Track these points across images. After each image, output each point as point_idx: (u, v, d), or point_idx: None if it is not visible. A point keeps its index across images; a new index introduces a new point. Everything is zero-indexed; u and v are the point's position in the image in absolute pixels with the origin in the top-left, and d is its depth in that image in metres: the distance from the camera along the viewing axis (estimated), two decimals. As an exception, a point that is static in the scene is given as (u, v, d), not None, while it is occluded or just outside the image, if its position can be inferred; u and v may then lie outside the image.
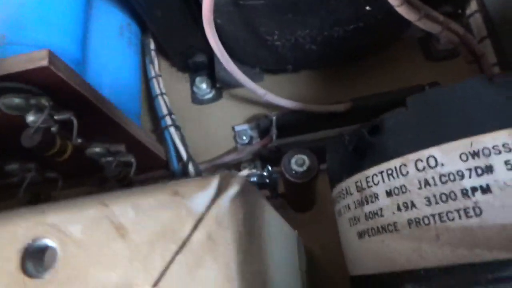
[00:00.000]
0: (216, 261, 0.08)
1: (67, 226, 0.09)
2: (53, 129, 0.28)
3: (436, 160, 0.16)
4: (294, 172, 0.29)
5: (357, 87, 0.39)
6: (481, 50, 0.30)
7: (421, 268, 0.16)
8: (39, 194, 0.36)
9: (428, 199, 0.16)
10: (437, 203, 0.16)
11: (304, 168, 0.29)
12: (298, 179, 0.29)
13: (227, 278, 0.08)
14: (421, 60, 0.41)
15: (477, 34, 0.39)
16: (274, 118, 0.37)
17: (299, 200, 0.35)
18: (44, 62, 0.25)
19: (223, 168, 0.40)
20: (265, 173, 0.32)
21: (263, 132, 0.39)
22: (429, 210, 0.16)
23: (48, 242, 0.09)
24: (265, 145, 0.37)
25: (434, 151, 0.16)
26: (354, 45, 0.35)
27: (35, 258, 0.09)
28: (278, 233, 0.13)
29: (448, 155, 0.16)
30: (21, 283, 0.09)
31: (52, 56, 0.25)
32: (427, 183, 0.16)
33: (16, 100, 0.26)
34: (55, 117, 0.28)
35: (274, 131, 0.36)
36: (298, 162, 0.29)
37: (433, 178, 0.16)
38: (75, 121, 0.28)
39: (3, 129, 0.30)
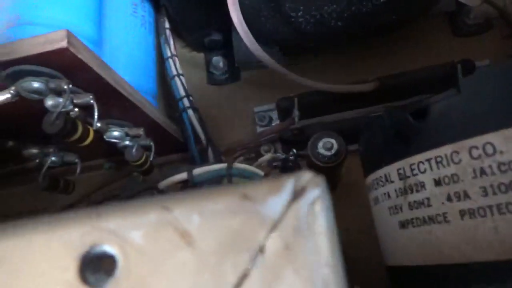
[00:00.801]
0: (297, 274, 0.08)
1: (126, 231, 0.08)
2: (73, 113, 0.27)
3: (494, 147, 0.15)
4: (321, 156, 0.28)
5: (384, 65, 0.38)
6: (520, 25, 0.28)
7: (475, 262, 0.15)
8: (58, 179, 0.36)
9: (484, 189, 0.15)
10: (494, 193, 0.15)
11: (332, 152, 0.28)
12: (326, 163, 0.28)
13: (310, 291, 0.07)
14: (448, 35, 0.39)
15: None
16: (296, 99, 0.35)
17: (324, 184, 0.34)
18: (63, 44, 0.24)
19: (242, 150, 0.39)
20: (291, 157, 0.31)
21: (284, 114, 0.38)
22: (485, 201, 0.15)
23: (107, 248, 0.08)
24: (287, 127, 0.36)
25: (492, 137, 0.15)
26: (381, 20, 0.33)
27: (94, 266, 0.08)
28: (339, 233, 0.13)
29: (509, 142, 0.15)
30: (80, 293, 0.08)
31: (71, 37, 0.24)
32: (483, 172, 0.15)
33: (35, 84, 0.25)
34: (75, 101, 0.27)
35: (296, 113, 0.35)
36: (326, 146, 0.28)
37: (490, 166, 0.15)
38: (95, 105, 0.27)
39: (22, 114, 0.29)
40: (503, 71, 0.16)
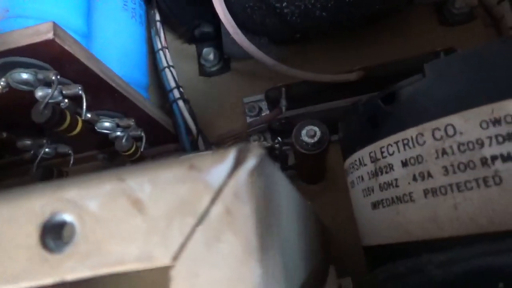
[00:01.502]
0: (235, 235, 0.08)
1: (84, 201, 0.09)
2: (62, 104, 0.28)
3: (454, 129, 0.16)
4: (305, 143, 0.29)
5: (369, 54, 0.38)
6: (500, 13, 0.29)
7: (438, 238, 0.16)
8: (52, 170, 0.37)
9: (445, 169, 0.16)
10: (454, 172, 0.16)
11: (315, 139, 0.28)
12: (309, 151, 0.29)
13: (247, 252, 0.08)
14: (434, 25, 0.40)
15: (495, -4, 0.37)
16: (283, 89, 0.36)
17: (310, 172, 0.35)
18: (49, 35, 0.24)
19: (232, 140, 0.40)
20: (276, 145, 0.31)
21: (273, 104, 0.38)
22: (446, 179, 0.16)
23: (67, 217, 0.09)
24: (274, 117, 0.36)
25: (452, 119, 0.16)
26: (366, 10, 0.33)
27: (54, 233, 0.09)
28: (295, 204, 0.13)
29: (468, 123, 0.16)
30: (42, 257, 0.09)
31: (57, 29, 0.25)
32: (444, 152, 0.16)
33: (24, 75, 0.26)
34: (64, 92, 0.28)
35: (283, 103, 0.36)
36: (309, 134, 0.29)
37: (451, 147, 0.16)
38: (83, 95, 0.28)
39: (14, 105, 0.30)
40: (465, 56, 0.17)
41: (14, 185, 0.33)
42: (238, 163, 0.09)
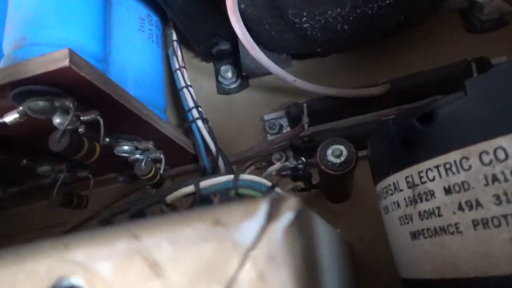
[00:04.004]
0: (271, 306, 0.07)
1: (94, 263, 0.08)
2: (80, 130, 0.27)
3: (505, 152, 0.14)
4: (331, 163, 0.27)
5: (394, 66, 0.37)
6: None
7: (492, 276, 0.14)
8: (72, 195, 0.36)
9: (497, 197, 0.14)
10: (509, 202, 0.14)
11: (342, 159, 0.27)
12: (336, 171, 0.27)
13: (285, 327, 0.07)
14: (462, 32, 0.38)
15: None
16: (305, 105, 0.35)
17: (337, 191, 0.33)
18: (66, 62, 0.24)
19: (253, 160, 0.39)
20: (300, 166, 0.30)
21: (294, 121, 0.37)
22: (499, 209, 0.14)
23: (74, 281, 0.08)
24: (297, 134, 0.35)
25: (503, 141, 0.14)
26: (389, 21, 0.32)
27: (62, 300, 0.08)
28: (333, 250, 0.12)
29: (521, 146, 0.14)
30: (48, 329, 0.08)
31: (73, 55, 0.24)
32: (495, 179, 0.14)
33: (41, 103, 0.25)
34: (81, 118, 0.27)
35: (305, 120, 0.34)
36: (335, 153, 0.27)
37: (502, 173, 0.14)
38: (101, 121, 0.28)
39: (33, 133, 0.30)
40: (510, 70, 0.15)
41: (35, 210, 0.33)
42: (271, 217, 0.07)
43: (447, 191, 0.16)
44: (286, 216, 0.07)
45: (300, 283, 0.07)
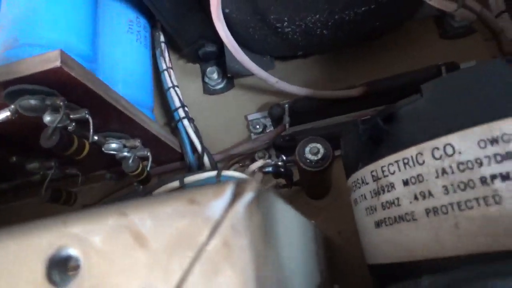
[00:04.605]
0: (233, 268, 0.09)
1: (88, 236, 0.09)
2: (70, 128, 0.28)
3: (453, 148, 0.16)
4: (308, 161, 0.29)
5: (371, 69, 0.39)
6: (499, 27, 0.29)
7: (440, 257, 0.16)
8: (61, 191, 0.37)
9: (446, 188, 0.16)
10: (455, 191, 0.16)
11: (319, 156, 0.29)
12: (313, 168, 0.29)
13: (244, 284, 0.08)
14: (435, 38, 0.40)
15: (495, 8, 0.37)
16: (286, 106, 0.37)
17: (315, 188, 0.35)
18: (57, 63, 0.25)
19: (237, 158, 0.40)
20: (279, 163, 0.32)
21: (276, 121, 0.39)
22: (447, 199, 0.16)
23: (71, 251, 0.10)
24: (278, 134, 0.37)
25: (451, 138, 0.16)
26: (366, 27, 0.34)
27: (60, 267, 0.10)
28: (298, 231, 0.14)
29: (466, 142, 0.16)
30: (48, 291, 0.09)
31: (64, 56, 0.25)
32: (444, 171, 0.16)
33: (32, 102, 0.27)
34: (71, 116, 0.28)
35: (287, 119, 0.36)
36: (313, 151, 0.29)
37: (450, 166, 0.16)
38: (90, 119, 0.29)
39: (23, 130, 0.31)
40: (461, 76, 0.17)
41: (24, 206, 0.34)
42: (236, 197, 0.09)
43: (405, 183, 0.18)
44: (248, 195, 0.09)
45: (257, 247, 0.09)
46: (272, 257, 0.09)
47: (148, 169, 0.36)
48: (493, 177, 0.15)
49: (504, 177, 0.15)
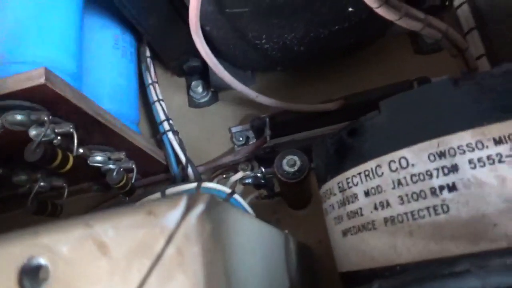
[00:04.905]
0: (185, 273, 0.10)
1: (57, 246, 0.10)
2: (55, 141, 0.29)
3: (407, 161, 0.17)
4: (286, 172, 0.30)
5: (348, 84, 0.40)
6: (464, 44, 0.31)
7: (397, 264, 0.17)
8: (46, 203, 0.38)
9: (401, 198, 0.17)
10: (409, 201, 0.17)
11: (295, 168, 0.30)
12: (291, 179, 0.30)
13: (194, 288, 0.09)
14: (410, 53, 0.42)
15: (465, 25, 0.39)
16: (267, 119, 0.38)
17: (295, 198, 0.36)
18: (41, 80, 0.26)
19: (221, 169, 0.41)
20: (259, 174, 0.33)
21: (258, 133, 0.40)
22: (402, 208, 0.17)
23: (42, 260, 0.10)
24: (260, 146, 0.38)
25: (405, 152, 0.17)
26: (341, 44, 0.35)
27: (31, 275, 0.11)
28: (257, 241, 0.15)
29: (418, 156, 0.17)
30: (20, 298, 0.10)
31: (48, 74, 0.26)
32: (400, 183, 0.17)
33: (18, 117, 0.28)
34: (56, 130, 0.29)
35: (268, 132, 0.37)
36: (290, 163, 0.30)
37: (405, 178, 0.17)
38: (75, 133, 0.30)
39: (10, 144, 0.31)
40: (414, 95, 0.18)
41: (11, 218, 0.34)
42: (188, 208, 0.10)
43: (366, 194, 0.19)
44: (199, 207, 0.10)
45: (208, 254, 0.10)
46: (223, 263, 0.10)
47: (133, 181, 0.37)
48: (441, 188, 0.16)
49: (451, 188, 0.16)
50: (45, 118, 0.28)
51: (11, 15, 0.30)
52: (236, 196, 0.27)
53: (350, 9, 0.30)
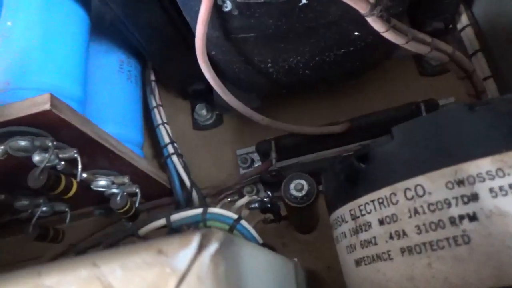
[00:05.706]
0: (200, 318, 0.09)
1: (62, 287, 0.10)
2: (59, 166, 0.29)
3: (423, 189, 0.17)
4: (293, 197, 0.29)
5: (354, 106, 0.40)
6: (471, 66, 0.31)
7: (416, 297, 0.16)
8: (48, 228, 0.37)
9: (418, 228, 0.17)
10: (427, 231, 0.16)
11: (303, 192, 0.29)
12: (298, 204, 0.29)
13: (209, 334, 0.09)
14: (415, 75, 0.42)
15: (469, 47, 0.39)
16: (273, 141, 0.37)
17: (302, 223, 0.35)
18: (47, 106, 0.26)
19: (226, 192, 0.41)
20: (265, 199, 0.32)
21: (264, 156, 0.39)
22: (420, 238, 0.16)
23: (45, 303, 0.10)
24: (265, 169, 0.37)
25: (421, 180, 0.17)
26: (346, 67, 0.35)
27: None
28: (268, 274, 0.14)
29: (435, 184, 0.16)
30: None
31: (54, 100, 0.26)
32: (416, 211, 0.17)
33: (22, 143, 0.27)
34: (60, 156, 0.29)
35: (273, 155, 0.37)
36: (297, 187, 0.29)
37: (421, 206, 0.17)
38: (79, 159, 0.29)
39: (13, 170, 0.31)
40: (429, 120, 0.18)
41: (12, 243, 0.33)
42: (201, 247, 0.10)
43: (381, 222, 0.18)
44: (213, 246, 0.10)
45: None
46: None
47: (136, 205, 0.36)
48: (461, 217, 0.16)
49: (471, 217, 0.15)
50: (49, 144, 0.28)
51: (17, 42, 0.30)
52: (243, 222, 0.27)
53: (356, 33, 0.30)
